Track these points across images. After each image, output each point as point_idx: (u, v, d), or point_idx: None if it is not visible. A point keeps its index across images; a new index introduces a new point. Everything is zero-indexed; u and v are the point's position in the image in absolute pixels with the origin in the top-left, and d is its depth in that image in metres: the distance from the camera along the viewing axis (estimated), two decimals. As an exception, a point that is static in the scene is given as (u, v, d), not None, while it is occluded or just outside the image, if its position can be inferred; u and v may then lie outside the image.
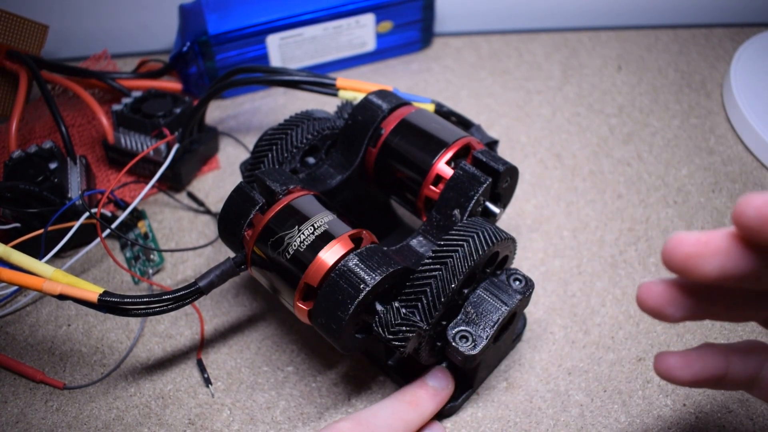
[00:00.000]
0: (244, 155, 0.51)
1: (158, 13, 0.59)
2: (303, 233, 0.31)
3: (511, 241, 0.33)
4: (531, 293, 0.33)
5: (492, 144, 0.40)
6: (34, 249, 0.38)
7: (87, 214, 0.39)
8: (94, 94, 0.52)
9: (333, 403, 0.36)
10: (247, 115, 0.54)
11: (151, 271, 0.42)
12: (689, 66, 0.58)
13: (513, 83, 0.57)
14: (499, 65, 0.59)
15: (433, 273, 0.30)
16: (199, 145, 0.48)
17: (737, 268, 0.22)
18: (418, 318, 0.30)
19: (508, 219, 0.45)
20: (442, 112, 0.42)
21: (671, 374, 0.26)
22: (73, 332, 0.39)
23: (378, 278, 0.29)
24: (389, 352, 0.36)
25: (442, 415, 0.35)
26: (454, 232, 0.31)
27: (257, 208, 0.33)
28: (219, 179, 0.49)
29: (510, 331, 0.34)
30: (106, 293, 0.30)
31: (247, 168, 0.38)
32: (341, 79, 0.42)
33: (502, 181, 0.35)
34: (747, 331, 0.39)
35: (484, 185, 0.34)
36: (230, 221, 0.33)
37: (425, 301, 0.30)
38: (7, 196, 0.40)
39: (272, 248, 0.32)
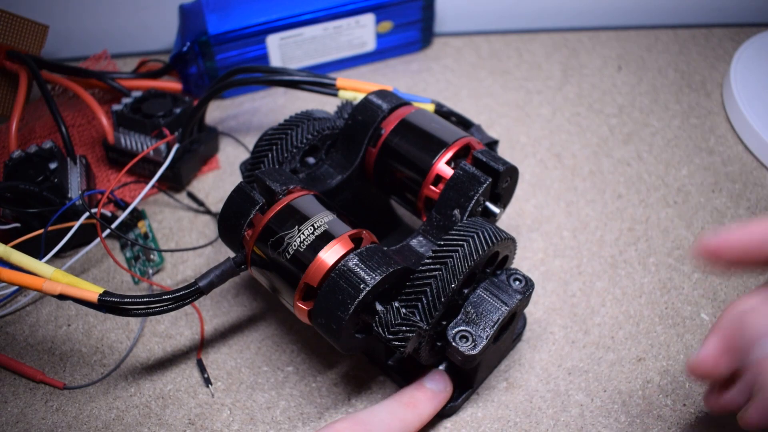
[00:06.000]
0: (244, 155, 0.51)
1: (158, 13, 0.59)
2: (303, 233, 0.31)
3: (511, 241, 0.33)
4: (531, 293, 0.33)
5: (492, 144, 0.40)
6: (34, 249, 0.38)
7: (87, 214, 0.39)
8: (94, 94, 0.52)
9: (333, 403, 0.36)
10: (247, 115, 0.54)
11: (151, 271, 0.42)
12: (689, 66, 0.58)
13: (513, 83, 0.57)
14: (499, 65, 0.59)
15: (433, 273, 0.30)
16: (199, 145, 0.48)
17: None
18: (418, 318, 0.30)
19: (508, 219, 0.45)
20: (442, 112, 0.42)
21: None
22: (73, 332, 0.39)
23: (378, 278, 0.29)
24: (389, 352, 0.36)
25: (442, 415, 0.35)
26: (454, 232, 0.31)
27: (257, 208, 0.33)
28: (219, 179, 0.49)
29: (510, 331, 0.34)
30: (106, 293, 0.30)
31: (247, 168, 0.38)
32: (341, 79, 0.42)
33: (502, 181, 0.35)
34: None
35: (484, 185, 0.34)
36: (230, 221, 0.33)
37: (425, 301, 0.30)
38: (7, 196, 0.40)
39: (272, 248, 0.32)
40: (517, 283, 0.33)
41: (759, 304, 0.27)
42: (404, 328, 0.29)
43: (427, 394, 0.33)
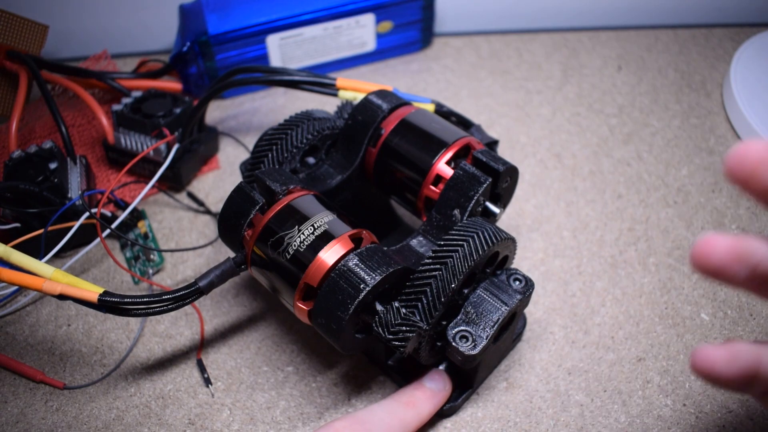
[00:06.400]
0: (244, 155, 0.51)
1: (158, 13, 0.59)
2: (303, 233, 0.31)
3: (511, 241, 0.33)
4: (531, 293, 0.33)
5: (492, 144, 0.40)
6: (34, 249, 0.38)
7: (87, 214, 0.39)
8: (94, 94, 0.52)
9: (333, 403, 0.36)
10: (247, 115, 0.54)
11: (151, 271, 0.42)
12: (689, 66, 0.58)
13: (513, 83, 0.57)
14: (499, 65, 0.59)
15: (433, 273, 0.30)
16: (199, 145, 0.48)
17: None
18: (418, 318, 0.30)
19: (508, 219, 0.45)
20: (442, 112, 0.42)
21: (714, 370, 0.23)
22: (73, 332, 0.39)
23: (378, 278, 0.29)
24: (389, 352, 0.36)
25: (442, 415, 0.35)
26: (454, 232, 0.31)
27: (257, 208, 0.33)
28: (219, 179, 0.49)
29: (510, 331, 0.34)
30: (106, 293, 0.30)
31: (247, 168, 0.38)
32: (341, 79, 0.42)
33: (502, 181, 0.35)
34: (747, 331, 0.39)
35: (484, 185, 0.34)
36: (230, 221, 0.33)
37: (425, 301, 0.30)
38: (7, 196, 0.40)
39: (272, 248, 0.32)
40: (517, 283, 0.33)
41: None
42: (404, 328, 0.29)
43: (427, 393, 0.33)
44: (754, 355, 0.23)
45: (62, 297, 0.30)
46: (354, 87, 0.42)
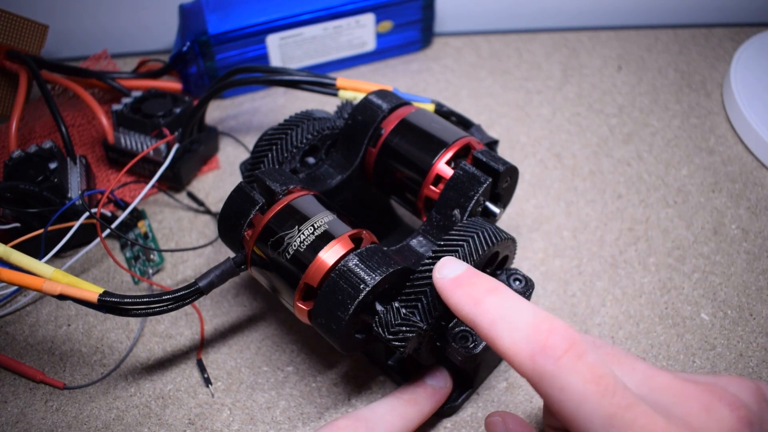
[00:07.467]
0: (244, 155, 0.51)
1: (158, 13, 0.59)
2: (303, 233, 0.31)
3: (511, 241, 0.33)
4: (531, 293, 0.33)
5: (492, 144, 0.40)
6: (34, 249, 0.38)
7: (87, 214, 0.39)
8: (94, 94, 0.52)
9: (333, 403, 0.36)
10: (247, 115, 0.54)
11: (151, 271, 0.42)
12: (689, 66, 0.58)
13: (513, 83, 0.57)
14: (499, 65, 0.59)
15: (433, 273, 0.30)
16: (199, 145, 0.48)
17: None
18: (418, 318, 0.30)
19: (508, 219, 0.45)
20: (442, 112, 0.42)
21: None
22: (73, 332, 0.39)
23: (378, 278, 0.29)
24: (389, 352, 0.36)
25: (442, 415, 0.35)
26: (454, 232, 0.31)
27: (257, 208, 0.33)
28: (219, 179, 0.49)
29: (510, 331, 0.34)
30: (106, 293, 0.30)
31: (247, 168, 0.38)
32: (341, 79, 0.42)
33: (502, 181, 0.35)
34: (747, 331, 0.39)
35: (484, 185, 0.34)
36: (230, 221, 0.33)
37: (425, 301, 0.30)
38: (7, 196, 0.40)
39: (272, 248, 0.32)
40: (517, 283, 0.33)
41: None
42: (404, 328, 0.29)
43: (428, 390, 0.33)
44: None
45: (62, 297, 0.30)
46: (354, 87, 0.42)
